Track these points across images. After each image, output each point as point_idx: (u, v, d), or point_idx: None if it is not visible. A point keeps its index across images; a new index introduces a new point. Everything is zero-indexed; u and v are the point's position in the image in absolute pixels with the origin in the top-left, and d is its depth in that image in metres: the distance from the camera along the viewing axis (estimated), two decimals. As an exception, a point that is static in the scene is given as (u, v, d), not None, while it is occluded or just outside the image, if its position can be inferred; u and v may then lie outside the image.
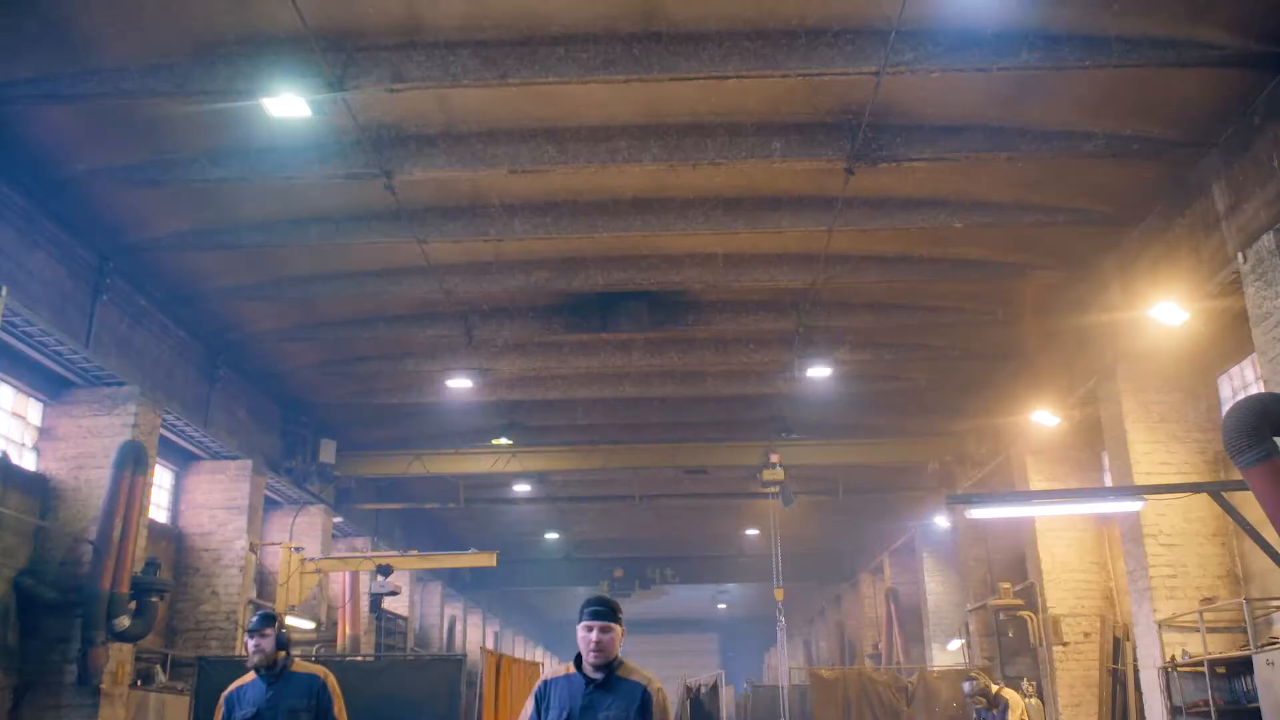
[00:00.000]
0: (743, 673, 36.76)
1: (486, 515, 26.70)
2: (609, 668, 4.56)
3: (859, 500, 23.30)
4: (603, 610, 4.60)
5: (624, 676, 4.57)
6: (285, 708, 6.03)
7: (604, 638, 4.54)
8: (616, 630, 4.60)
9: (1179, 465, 12.15)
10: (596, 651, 4.50)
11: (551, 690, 4.61)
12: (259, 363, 16.25)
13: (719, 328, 15.22)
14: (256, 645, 6.09)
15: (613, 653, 4.58)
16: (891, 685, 16.97)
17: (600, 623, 4.56)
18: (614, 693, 4.50)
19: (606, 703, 4.47)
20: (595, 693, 4.49)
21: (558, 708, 4.51)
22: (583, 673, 4.56)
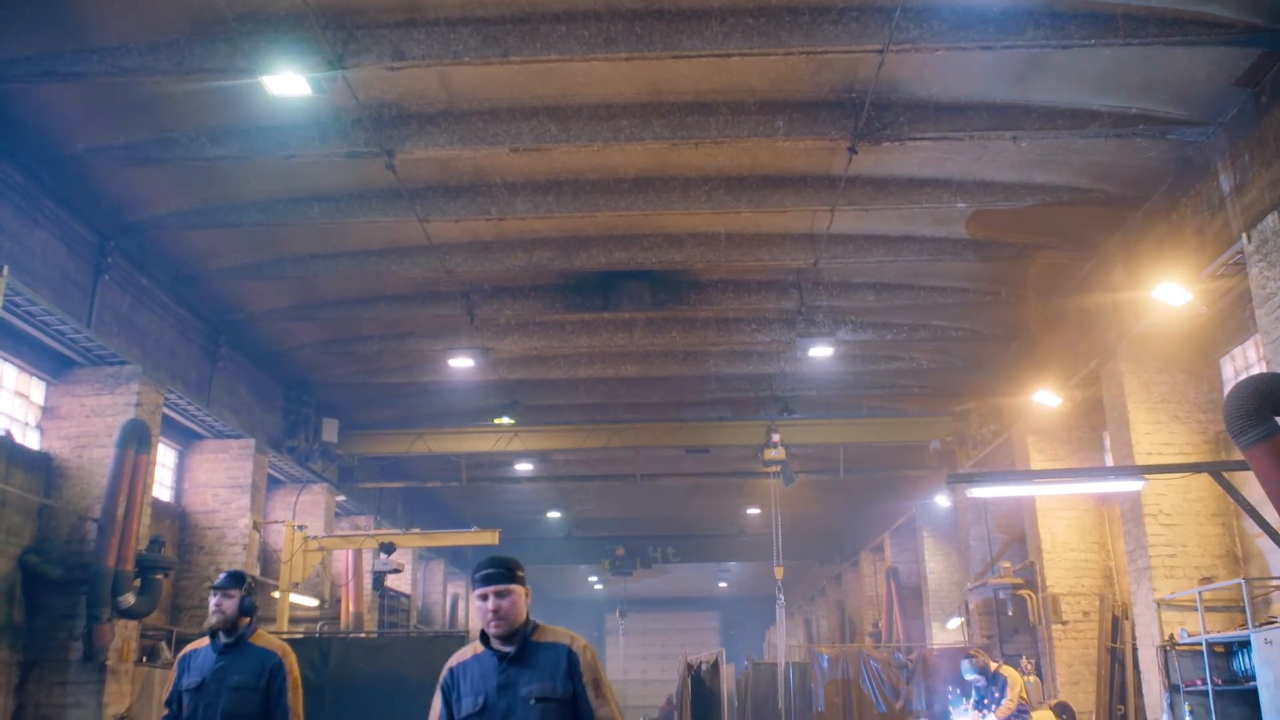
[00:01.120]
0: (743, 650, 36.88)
1: (488, 494, 26.77)
2: (520, 636, 3.99)
3: (860, 480, 23.35)
4: (496, 572, 3.98)
5: (541, 641, 4.01)
6: (231, 684, 5.34)
7: (503, 604, 3.94)
8: (518, 592, 3.99)
9: (1180, 446, 12.16)
10: (498, 621, 3.92)
11: (460, 677, 4.02)
12: (261, 342, 16.25)
13: (721, 307, 15.20)
14: (217, 605, 5.44)
15: (518, 618, 3.98)
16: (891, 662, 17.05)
17: (495, 587, 3.95)
18: (532, 663, 3.95)
19: (526, 676, 3.92)
20: (510, 667, 3.94)
21: (471, 695, 3.94)
22: (492, 648, 4.00)
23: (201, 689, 5.32)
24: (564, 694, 3.90)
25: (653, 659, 49.79)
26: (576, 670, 3.95)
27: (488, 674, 3.96)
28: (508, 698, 3.90)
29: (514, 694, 3.90)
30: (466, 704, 3.93)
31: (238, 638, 5.45)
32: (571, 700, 3.91)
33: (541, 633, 4.06)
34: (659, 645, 49.13)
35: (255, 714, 5.34)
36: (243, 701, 5.31)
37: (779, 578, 20.20)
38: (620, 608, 41.14)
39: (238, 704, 5.29)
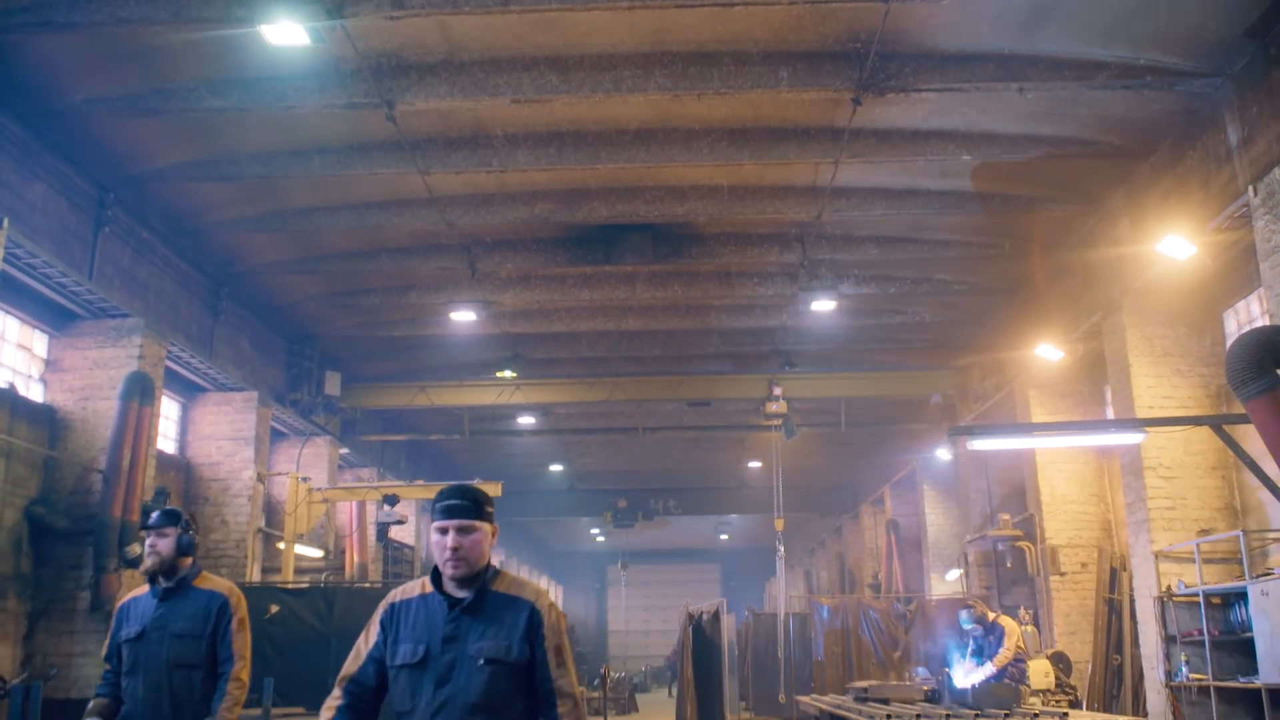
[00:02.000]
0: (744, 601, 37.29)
1: (491, 447, 26.89)
2: (479, 582, 3.40)
3: (861, 433, 23.44)
4: (461, 504, 3.40)
5: (502, 593, 3.43)
6: (174, 631, 4.90)
7: (465, 541, 3.36)
8: (484, 530, 3.41)
9: (1181, 399, 12.18)
10: (456, 561, 3.34)
11: (401, 617, 3.45)
12: (262, 295, 16.24)
13: (723, 260, 15.16)
14: (151, 546, 4.97)
15: (480, 561, 3.40)
16: (890, 613, 17.23)
17: (458, 521, 3.37)
18: (488, 616, 3.37)
19: (479, 630, 3.35)
20: (462, 617, 3.36)
21: (410, 640, 3.36)
22: (443, 592, 3.41)
23: (142, 638, 4.91)
24: (519, 658, 3.34)
25: (654, 610, 50.37)
26: (538, 633, 3.38)
27: (434, 621, 3.38)
28: (453, 653, 3.32)
29: (461, 650, 3.32)
30: (403, 651, 3.36)
31: (179, 581, 5.01)
32: (526, 666, 3.36)
33: (504, 582, 3.48)
34: (660, 597, 49.64)
35: (203, 662, 4.93)
36: (188, 649, 4.90)
37: (779, 530, 20.35)
38: (622, 559, 41.51)
39: (183, 652, 4.89)
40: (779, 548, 20.38)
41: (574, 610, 41.25)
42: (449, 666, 3.31)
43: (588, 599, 52.79)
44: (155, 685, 4.85)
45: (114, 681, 4.97)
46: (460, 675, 3.30)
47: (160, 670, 4.85)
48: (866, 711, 10.50)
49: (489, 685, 3.30)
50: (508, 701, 3.33)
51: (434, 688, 3.30)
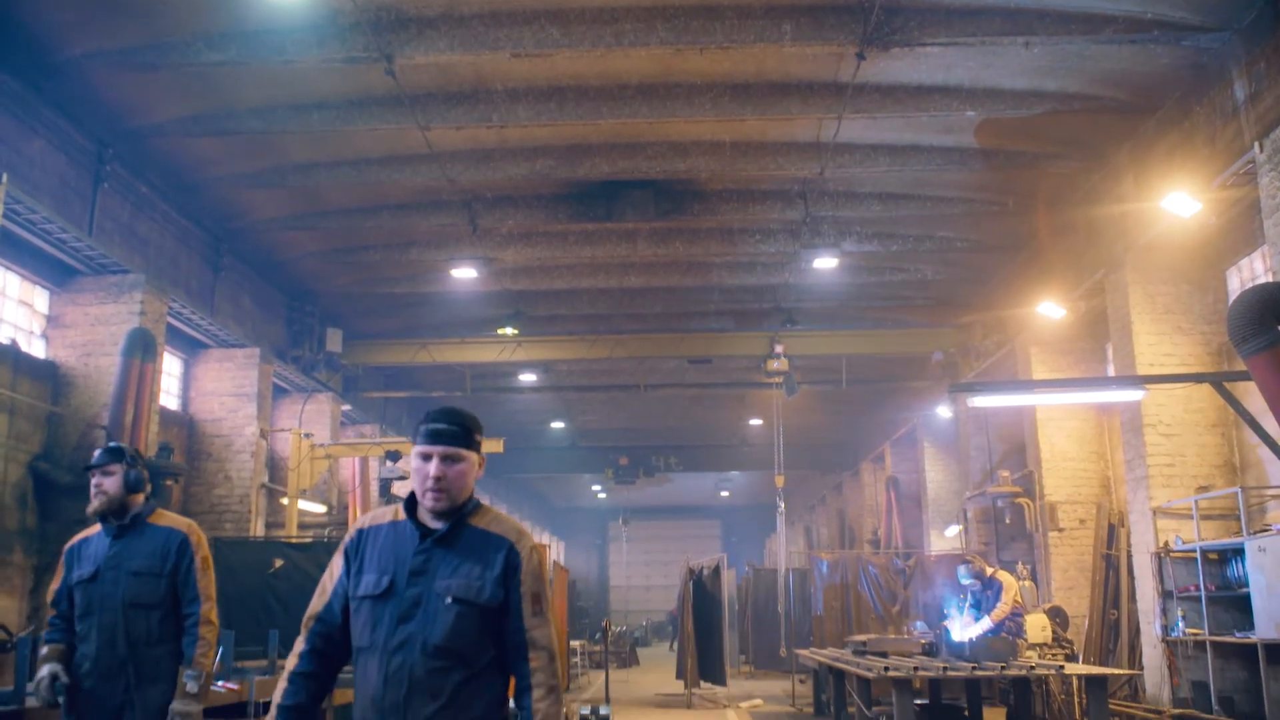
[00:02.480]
0: (744, 557, 37.57)
1: (492, 404, 26.95)
2: (457, 514, 3.10)
3: (862, 390, 23.49)
4: (449, 430, 3.08)
5: (481, 528, 3.11)
6: (129, 569, 4.65)
7: (449, 472, 3.05)
8: (469, 460, 3.10)
9: (1183, 357, 12.19)
10: (437, 492, 3.04)
11: (368, 544, 3.14)
12: (263, 251, 16.20)
13: (725, 217, 15.10)
14: (97, 485, 4.72)
15: (463, 493, 3.10)
16: (889, 568, 17.37)
17: (444, 448, 3.06)
18: (463, 551, 3.05)
19: (451, 565, 3.02)
20: (434, 549, 3.05)
21: (376, 570, 3.05)
22: (416, 520, 3.10)
23: (96, 579, 4.65)
24: (490, 600, 3.01)
25: (655, 566, 50.78)
26: (515, 575, 3.05)
27: (403, 550, 3.06)
28: (420, 588, 3.00)
29: (428, 585, 3.00)
30: (367, 581, 3.05)
31: (133, 518, 4.77)
32: (498, 611, 3.02)
33: (484, 517, 3.15)
34: (661, 552, 50.02)
35: (162, 602, 4.67)
36: (146, 588, 4.64)
37: (780, 486, 20.46)
38: (623, 516, 41.76)
39: (140, 591, 4.63)
40: (780, 504, 20.50)
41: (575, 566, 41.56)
42: (413, 602, 2.98)
43: (589, 555, 53.20)
44: (110, 626, 4.59)
45: (64, 626, 4.71)
46: (425, 613, 2.97)
47: (115, 611, 4.60)
48: (865, 664, 10.61)
49: (454, 627, 2.96)
50: (474, 647, 2.99)
51: (395, 623, 2.98)
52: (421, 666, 2.94)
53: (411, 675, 2.94)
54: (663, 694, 18.25)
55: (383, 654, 2.97)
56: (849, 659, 11.59)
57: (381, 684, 2.95)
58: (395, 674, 2.95)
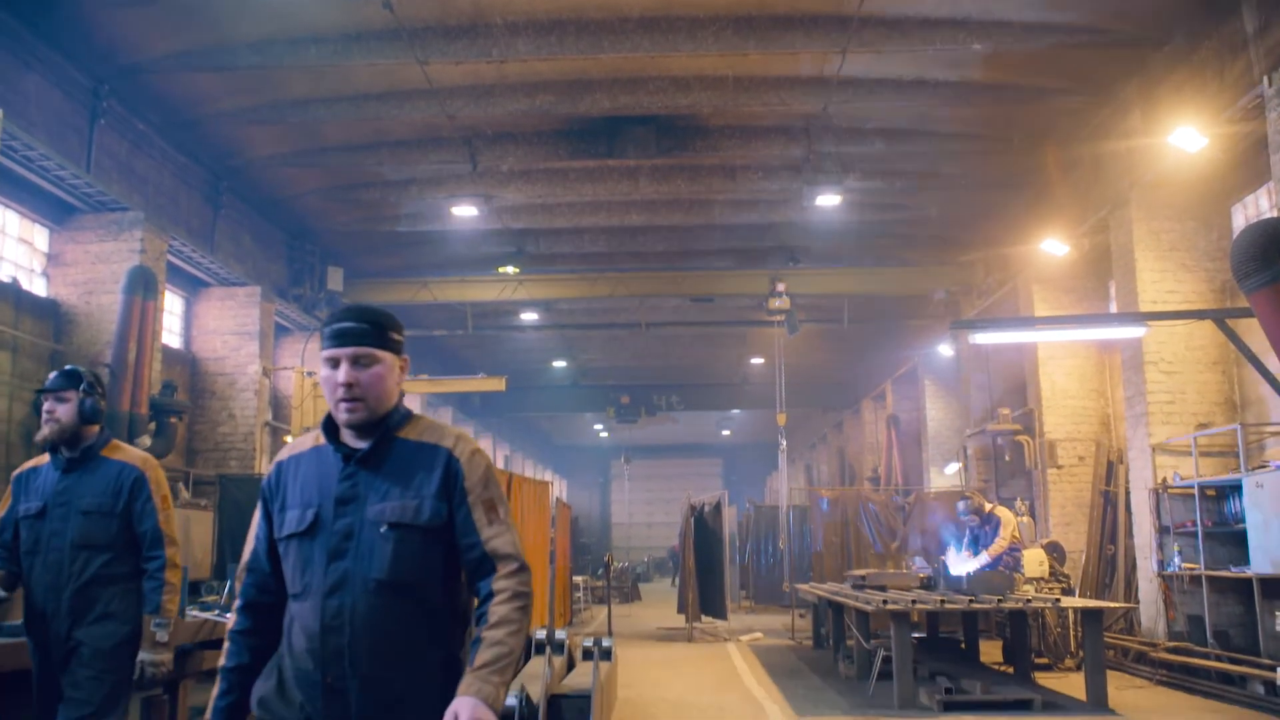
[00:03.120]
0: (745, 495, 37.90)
1: (494, 343, 27.00)
2: (381, 427, 2.69)
3: (864, 329, 23.50)
4: (356, 328, 2.65)
5: (413, 440, 2.72)
6: (80, 507, 4.29)
7: (361, 377, 2.63)
8: (386, 362, 2.68)
9: (1186, 294, 12.16)
10: (351, 402, 2.62)
11: (289, 477, 2.76)
12: (262, 189, 16.11)
13: (727, 154, 14.97)
14: (49, 412, 4.36)
15: (383, 402, 2.67)
16: (889, 505, 17.52)
17: (352, 350, 2.64)
18: (394, 469, 2.67)
19: (380, 488, 2.64)
20: (360, 472, 2.66)
21: (299, 505, 2.69)
22: (338, 442, 2.71)
23: (44, 515, 4.30)
24: (432, 519, 2.63)
25: (656, 503, 51.24)
26: (458, 485, 2.67)
27: (326, 478, 2.68)
28: (350, 517, 2.62)
29: (359, 513, 2.62)
30: (290, 518, 2.68)
31: (84, 451, 4.39)
32: (444, 530, 2.65)
33: (415, 427, 2.75)
34: (663, 490, 50.43)
35: (114, 542, 4.33)
36: (97, 528, 4.30)
37: (781, 424, 20.55)
38: (625, 454, 42.03)
39: (91, 531, 4.29)
40: (781, 442, 20.61)
41: (578, 504, 41.91)
42: (344, 535, 2.60)
43: (591, 493, 53.65)
44: (56, 567, 4.25)
45: (6, 556, 4.40)
46: (359, 546, 2.59)
47: (63, 551, 4.25)
48: (863, 598, 10.76)
49: (396, 557, 2.58)
50: (424, 577, 2.62)
51: (327, 562, 2.60)
52: (364, 607, 2.56)
53: (353, 618, 2.56)
54: (664, 628, 18.53)
55: (318, 598, 2.58)
56: (848, 593, 11.74)
57: (319, 631, 2.57)
58: (334, 619, 2.56)
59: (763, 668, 12.72)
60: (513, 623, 2.55)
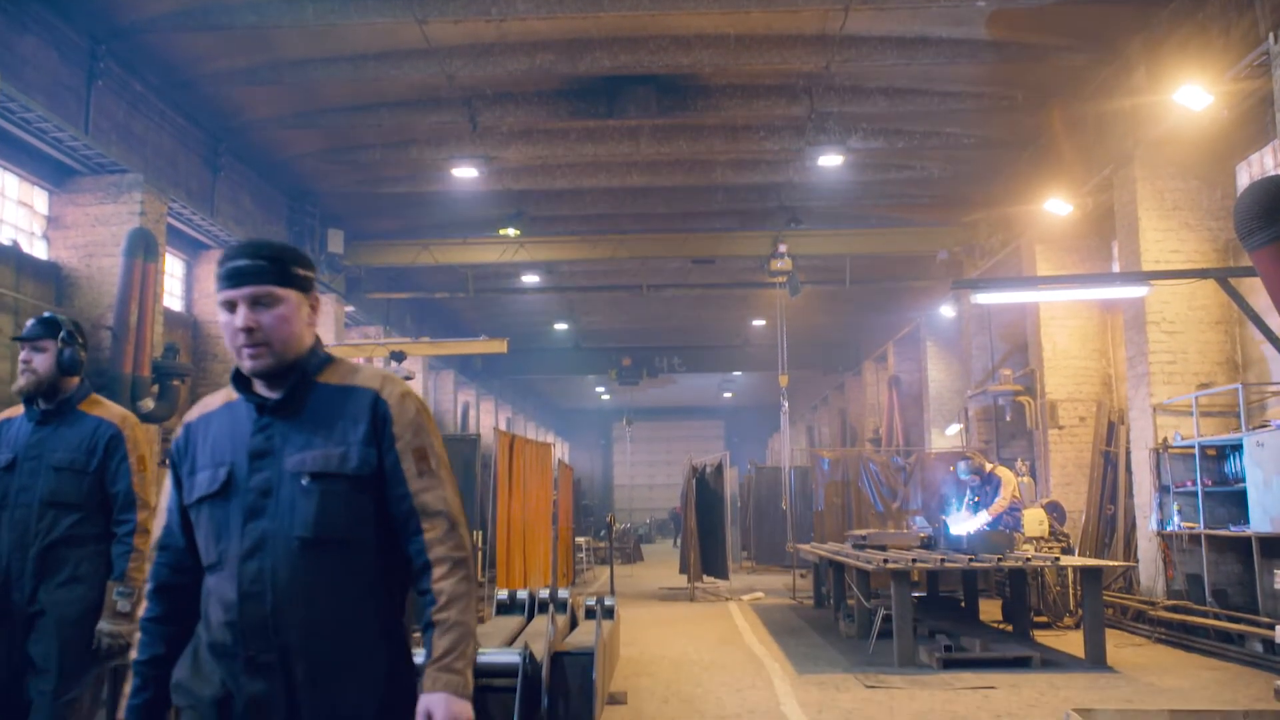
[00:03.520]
0: (746, 457, 38.02)
1: (496, 305, 26.98)
2: (296, 373, 2.45)
3: (866, 290, 23.46)
4: (254, 265, 2.39)
5: (334, 384, 2.49)
6: (52, 462, 4.04)
7: (263, 318, 2.39)
8: (290, 301, 2.42)
9: (1189, 253, 12.13)
10: (254, 348, 2.38)
11: (198, 438, 2.52)
12: (261, 151, 16.02)
13: (729, 114, 14.87)
14: (25, 362, 4.08)
15: (292, 345, 2.43)
16: (890, 466, 17.59)
17: (249, 289, 2.38)
18: (315, 417, 2.43)
19: (300, 438, 2.41)
20: (275, 423, 2.43)
21: (210, 464, 2.44)
22: (250, 394, 2.47)
23: (13, 469, 4.05)
24: (361, 467, 2.40)
25: (658, 465, 51.47)
26: (387, 431, 2.43)
27: (238, 433, 2.45)
28: (266, 472, 2.38)
29: (276, 467, 2.38)
30: (200, 481, 2.44)
31: (61, 403, 4.13)
32: (373, 480, 2.41)
33: (336, 371, 2.51)
34: (664, 453, 50.63)
35: (85, 501, 4.09)
36: (67, 485, 4.05)
37: (783, 385, 20.59)
38: (627, 416, 42.11)
39: (61, 488, 4.04)
40: (784, 403, 20.65)
41: (580, 466, 42.08)
42: (261, 492, 2.37)
43: (593, 455, 53.84)
44: (22, 524, 4.02)
45: None
46: (279, 502, 2.36)
47: (30, 508, 4.02)
48: (864, 557, 10.83)
49: (321, 511, 2.35)
50: (354, 533, 2.38)
51: (244, 523, 2.36)
52: (287, 570, 2.32)
53: (275, 583, 2.31)
54: (666, 588, 18.68)
55: (235, 564, 2.33)
56: (849, 553, 11.82)
57: (237, 600, 2.31)
58: (253, 585, 2.31)
59: (764, 626, 12.83)
60: (462, 598, 2.37)
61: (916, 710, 7.55)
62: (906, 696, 8.08)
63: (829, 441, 34.76)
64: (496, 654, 6.05)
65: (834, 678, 9.00)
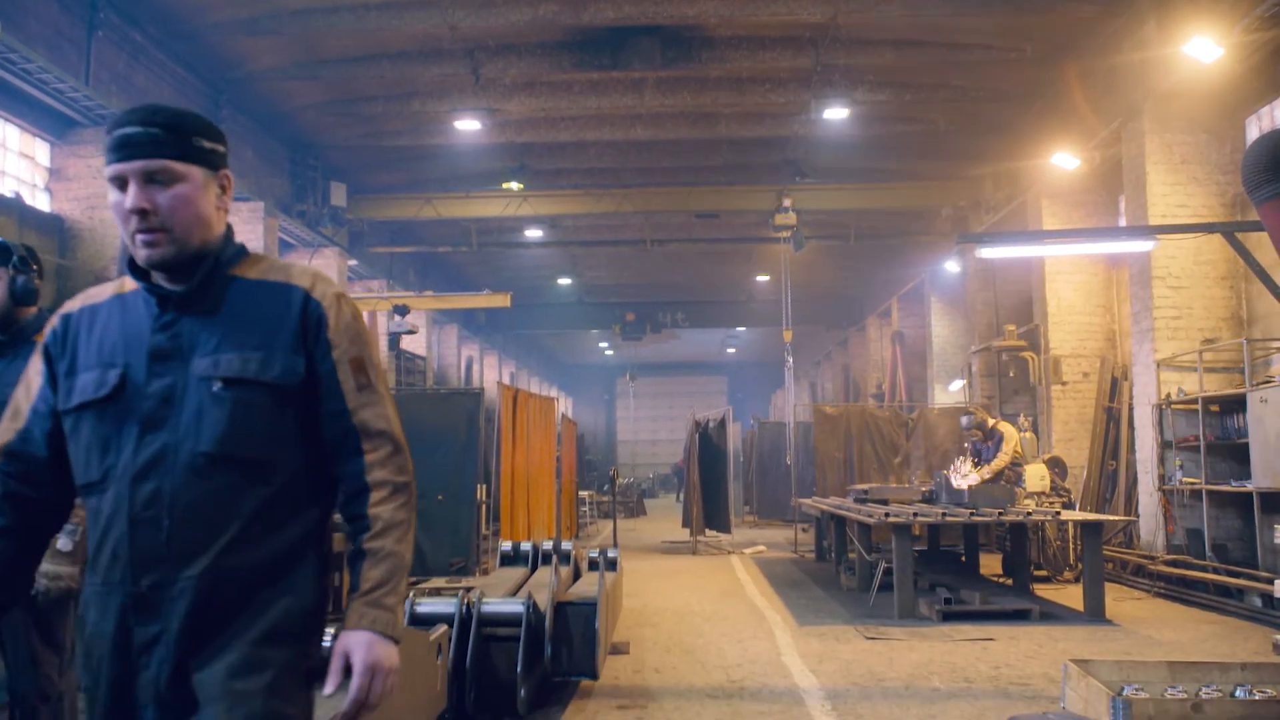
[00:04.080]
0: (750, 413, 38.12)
1: (499, 259, 26.93)
2: (206, 263, 2.07)
3: (870, 246, 23.37)
4: (146, 134, 1.99)
5: (254, 279, 2.12)
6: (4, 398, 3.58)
7: (159, 198, 2.00)
8: (194, 179, 2.04)
9: (1196, 208, 12.04)
10: (148, 233, 2.00)
11: (80, 332, 2.13)
12: (263, 103, 15.91)
13: (734, 65, 14.71)
14: None
15: (199, 231, 2.05)
16: (893, 421, 17.62)
17: (141, 162, 1.99)
18: (231, 312, 2.07)
19: (212, 337, 2.03)
20: (183, 319, 2.05)
21: (97, 365, 2.06)
22: (150, 285, 2.07)
23: None
24: (285, 375, 2.04)
25: (661, 421, 51.63)
26: (320, 333, 2.08)
27: (136, 330, 2.06)
28: (170, 376, 2.00)
29: (183, 370, 2.00)
30: (83, 384, 2.06)
31: (15, 334, 3.88)
32: (300, 391, 2.06)
33: (256, 265, 2.14)
34: (667, 408, 50.77)
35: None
36: None
37: (788, 341, 20.58)
38: (630, 371, 42.18)
39: None
40: (788, 359, 20.65)
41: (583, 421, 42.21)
42: (162, 399, 1.99)
43: (597, 410, 53.98)
44: None
45: None
46: (183, 412, 1.98)
47: None
48: (866, 511, 10.89)
49: (234, 423, 1.98)
50: (268, 450, 2.03)
51: (139, 436, 1.98)
52: (188, 492, 1.96)
53: (173, 507, 1.95)
54: (669, 541, 18.81)
55: (125, 484, 1.97)
56: (851, 507, 11.88)
57: (127, 528, 1.96)
58: (147, 509, 1.96)
59: (765, 579, 12.94)
60: (399, 525, 2.08)
61: (915, 661, 7.63)
62: (906, 648, 8.16)
63: (832, 397, 34.81)
64: (500, 603, 6.10)
65: (834, 629, 9.09)
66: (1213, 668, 5.41)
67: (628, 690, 6.76)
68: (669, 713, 6.16)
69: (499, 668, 5.92)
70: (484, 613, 5.94)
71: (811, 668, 7.44)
